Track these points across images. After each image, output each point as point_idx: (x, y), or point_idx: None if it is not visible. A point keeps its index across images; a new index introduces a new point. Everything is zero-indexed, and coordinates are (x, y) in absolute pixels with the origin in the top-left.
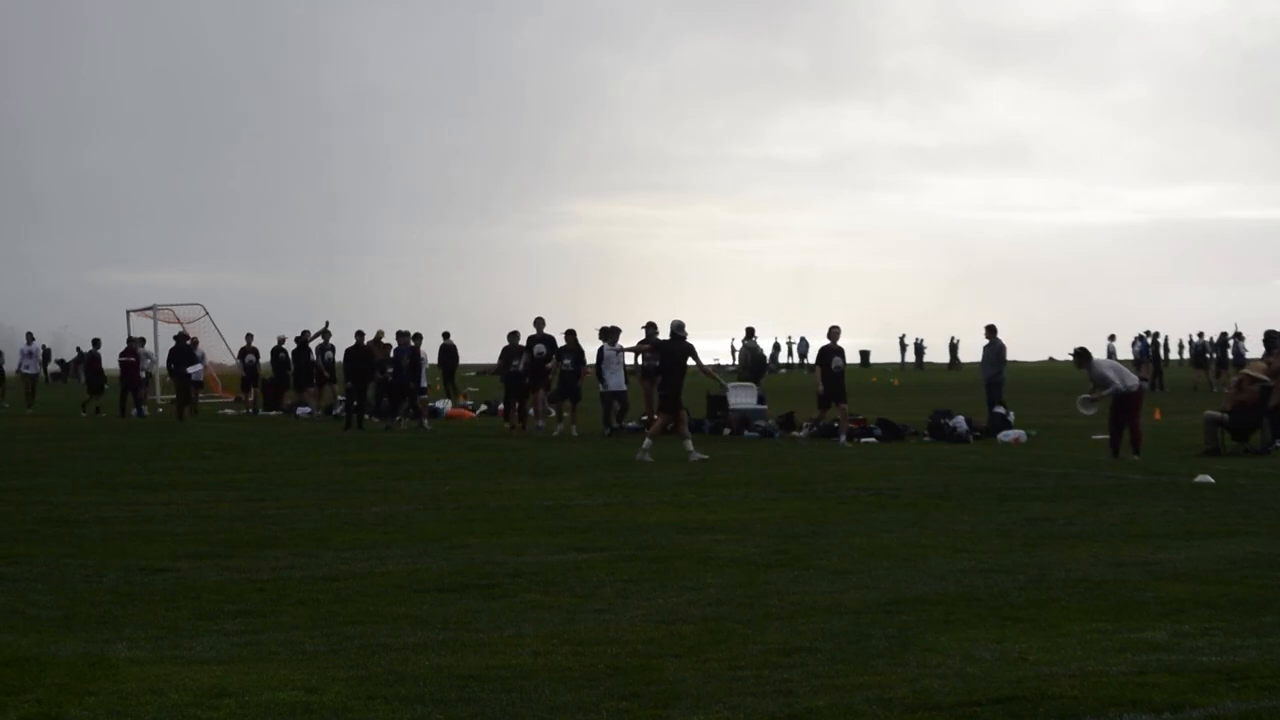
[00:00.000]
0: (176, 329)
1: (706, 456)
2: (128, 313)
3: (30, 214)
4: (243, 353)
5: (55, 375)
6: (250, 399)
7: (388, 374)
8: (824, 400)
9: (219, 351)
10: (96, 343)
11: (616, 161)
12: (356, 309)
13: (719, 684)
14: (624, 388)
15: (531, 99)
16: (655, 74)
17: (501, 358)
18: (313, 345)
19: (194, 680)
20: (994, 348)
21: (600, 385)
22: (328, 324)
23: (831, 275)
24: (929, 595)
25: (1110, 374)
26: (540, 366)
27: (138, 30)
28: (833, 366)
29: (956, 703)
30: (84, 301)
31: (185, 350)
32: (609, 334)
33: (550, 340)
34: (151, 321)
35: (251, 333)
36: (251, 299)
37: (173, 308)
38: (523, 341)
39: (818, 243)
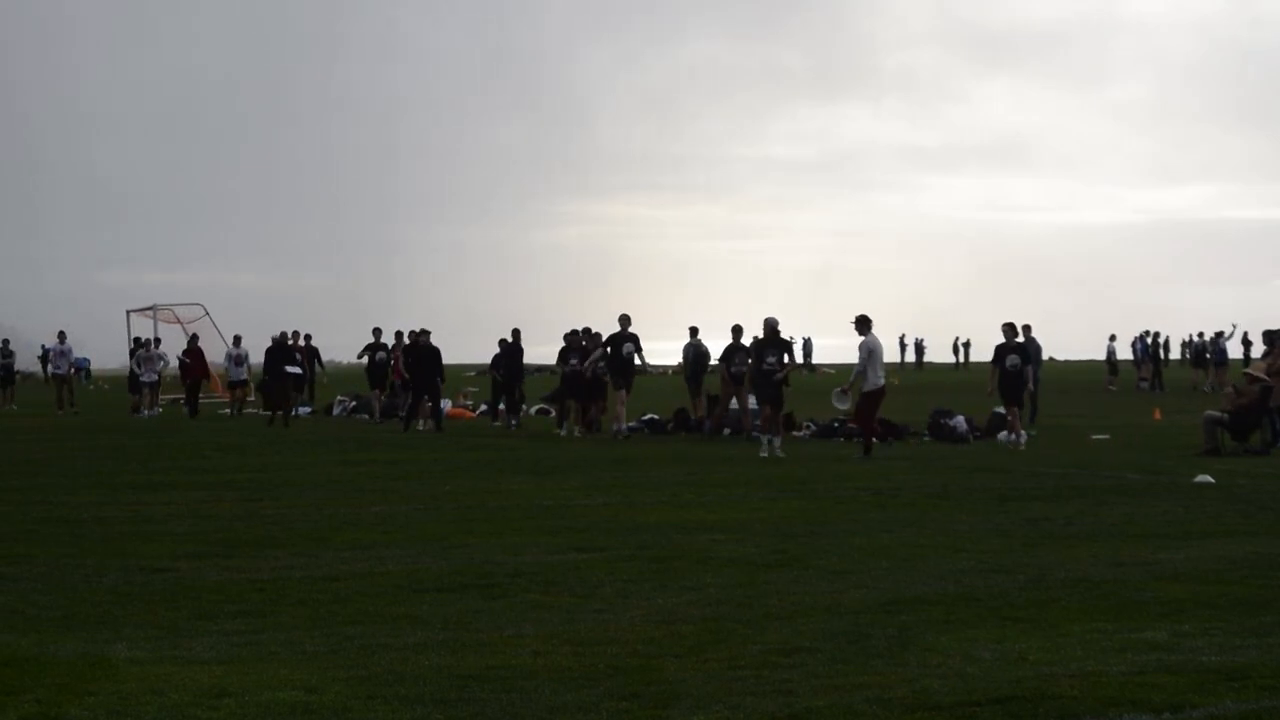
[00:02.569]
0: (176, 329)
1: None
2: (128, 313)
3: (32, 214)
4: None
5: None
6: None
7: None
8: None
9: (219, 351)
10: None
11: (616, 162)
12: (352, 308)
13: (719, 684)
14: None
15: (532, 99)
16: (655, 74)
17: (561, 358)
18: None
19: (194, 680)
20: (1033, 346)
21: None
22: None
23: (829, 275)
24: (928, 595)
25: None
26: (628, 366)
27: (139, 30)
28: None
29: (956, 702)
30: (85, 301)
31: (286, 350)
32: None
33: (635, 338)
34: (151, 321)
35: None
36: (252, 299)
37: (173, 307)
38: (584, 341)
39: (817, 243)
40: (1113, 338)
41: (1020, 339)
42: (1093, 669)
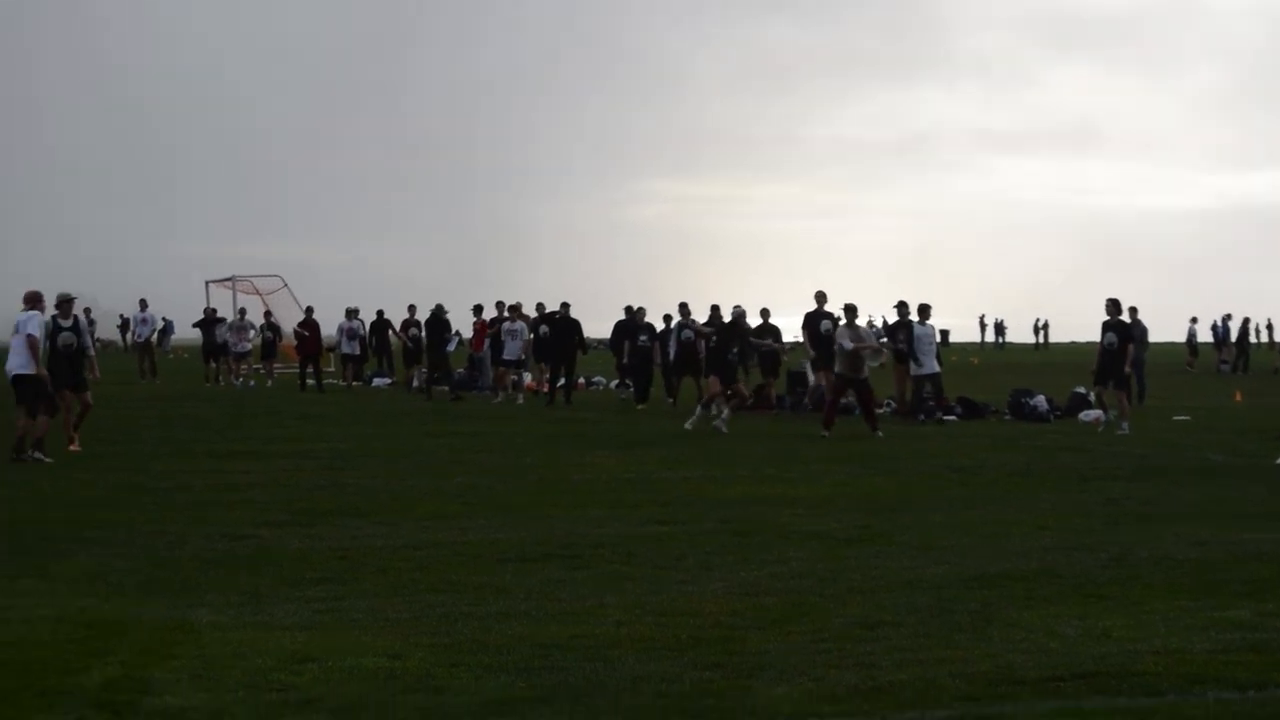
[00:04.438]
0: (256, 300)
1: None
2: (206, 283)
3: (112, 182)
4: (405, 325)
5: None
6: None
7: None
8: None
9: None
10: None
11: (695, 141)
12: (429, 283)
13: (801, 656)
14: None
15: (613, 77)
16: (733, 55)
17: (616, 333)
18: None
19: (277, 645)
20: (1138, 329)
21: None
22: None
23: (904, 255)
24: (1011, 571)
25: (847, 344)
26: (691, 351)
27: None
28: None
29: (1039, 678)
30: (162, 272)
31: (443, 322)
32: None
33: (694, 325)
34: (231, 292)
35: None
36: (327, 272)
37: (252, 278)
38: (649, 319)
39: (891, 223)
40: (1194, 320)
41: (1124, 317)
42: (1176, 646)
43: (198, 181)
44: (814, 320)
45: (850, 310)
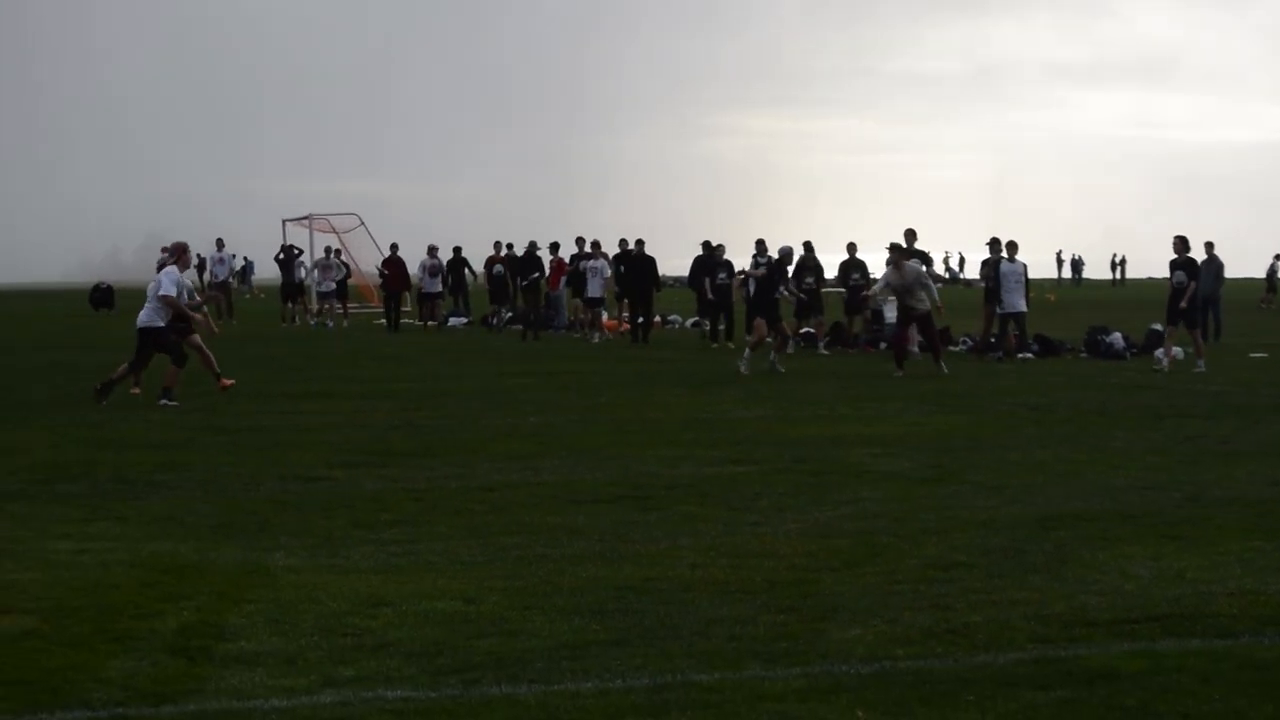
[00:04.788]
0: (332, 238)
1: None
2: (283, 221)
3: (187, 119)
4: (490, 262)
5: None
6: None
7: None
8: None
9: (375, 261)
10: None
11: (762, 75)
12: (504, 218)
13: (875, 598)
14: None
15: (678, 12)
16: None
17: (695, 269)
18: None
19: (351, 589)
20: (1214, 265)
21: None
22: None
23: (978, 191)
24: (1085, 512)
25: (897, 289)
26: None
27: None
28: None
29: (1113, 619)
30: (236, 209)
31: (535, 259)
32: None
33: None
34: (307, 231)
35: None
36: (403, 209)
37: (328, 216)
38: (730, 256)
39: (964, 158)
40: (1277, 257)
41: (1191, 254)
42: (1250, 587)
43: (274, 118)
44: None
45: (895, 249)
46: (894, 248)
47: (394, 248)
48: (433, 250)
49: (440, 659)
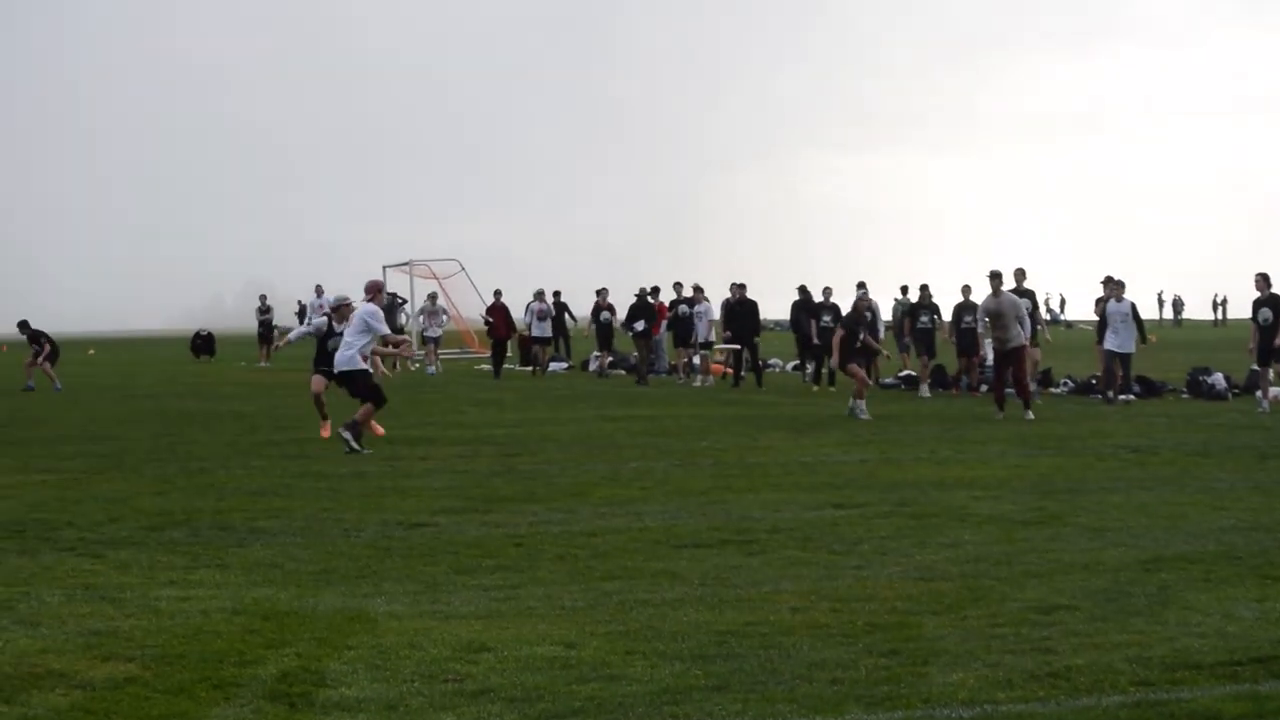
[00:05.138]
0: (432, 284)
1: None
2: (384, 268)
3: (289, 166)
4: (597, 309)
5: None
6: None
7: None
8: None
9: (475, 306)
10: None
11: (869, 114)
12: (589, 262)
13: (977, 641)
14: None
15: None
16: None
17: (796, 312)
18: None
19: (452, 635)
20: None
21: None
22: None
23: (1078, 229)
24: (1188, 553)
25: (992, 315)
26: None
27: None
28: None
29: (1216, 662)
30: (341, 255)
31: (645, 306)
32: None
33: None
34: (408, 277)
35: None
36: (501, 254)
37: (429, 263)
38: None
39: (1063, 196)
40: None
41: (1274, 290)
42: None
43: (375, 165)
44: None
45: (995, 276)
46: (994, 275)
47: (498, 294)
48: (540, 294)
49: (541, 704)
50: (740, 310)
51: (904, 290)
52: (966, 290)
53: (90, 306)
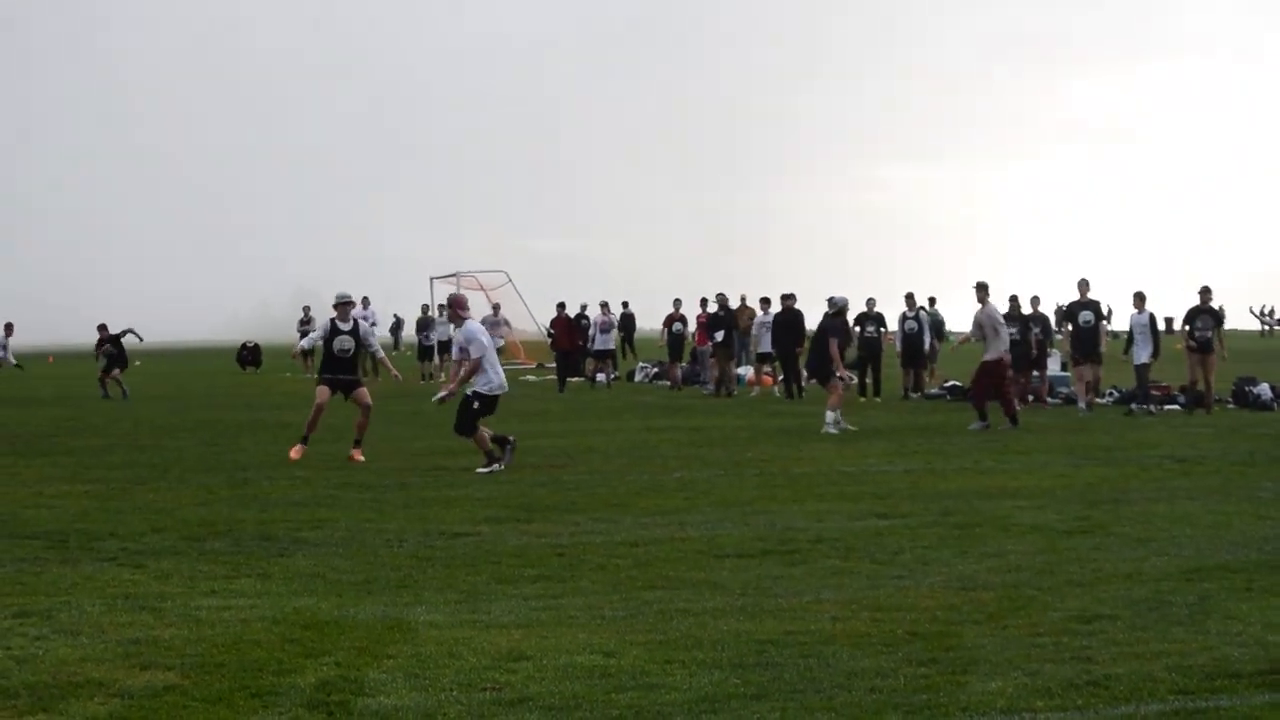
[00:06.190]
0: (480, 296)
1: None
2: (431, 279)
3: (333, 176)
4: (669, 320)
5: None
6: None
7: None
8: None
9: (522, 318)
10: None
11: (923, 126)
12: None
13: (1017, 650)
14: None
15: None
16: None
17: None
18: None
19: (492, 644)
20: None
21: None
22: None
23: (1129, 238)
24: (1231, 563)
25: (983, 327)
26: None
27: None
28: (1080, 322)
29: (1256, 671)
30: (387, 268)
31: (726, 316)
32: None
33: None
34: (455, 288)
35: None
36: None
37: (476, 274)
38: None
39: (1115, 207)
40: None
41: None
42: None
43: (422, 174)
44: (1074, 310)
45: (981, 287)
46: (980, 286)
47: (560, 306)
48: (605, 306)
49: (579, 713)
50: (784, 322)
51: (931, 301)
52: (1014, 301)
53: (135, 317)
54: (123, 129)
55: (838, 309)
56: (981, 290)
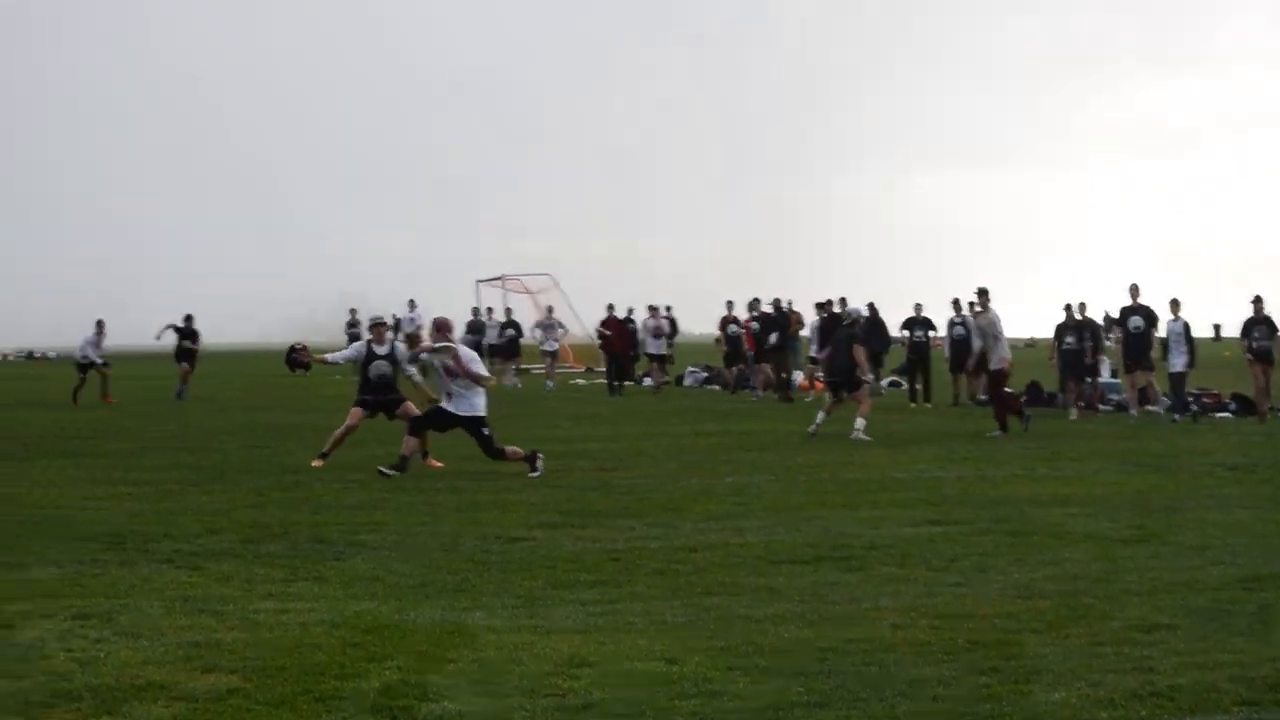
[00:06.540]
0: (526, 299)
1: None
2: (476, 283)
3: (377, 179)
4: (724, 323)
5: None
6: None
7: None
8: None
9: (569, 321)
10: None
11: (965, 131)
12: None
13: (1079, 660)
14: None
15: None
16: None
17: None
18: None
19: (553, 649)
20: None
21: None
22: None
23: (1172, 244)
24: None
25: (984, 336)
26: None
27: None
28: (1131, 328)
29: None
30: (432, 271)
31: (777, 319)
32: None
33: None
34: (500, 291)
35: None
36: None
37: (521, 277)
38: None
39: (1158, 212)
40: None
41: None
42: None
43: (469, 179)
44: (1125, 316)
45: (981, 293)
46: (981, 292)
47: (610, 308)
48: (654, 310)
49: (644, 719)
50: (833, 327)
51: (956, 305)
52: (1069, 309)
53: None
54: (168, 131)
55: (852, 320)
56: (982, 296)
